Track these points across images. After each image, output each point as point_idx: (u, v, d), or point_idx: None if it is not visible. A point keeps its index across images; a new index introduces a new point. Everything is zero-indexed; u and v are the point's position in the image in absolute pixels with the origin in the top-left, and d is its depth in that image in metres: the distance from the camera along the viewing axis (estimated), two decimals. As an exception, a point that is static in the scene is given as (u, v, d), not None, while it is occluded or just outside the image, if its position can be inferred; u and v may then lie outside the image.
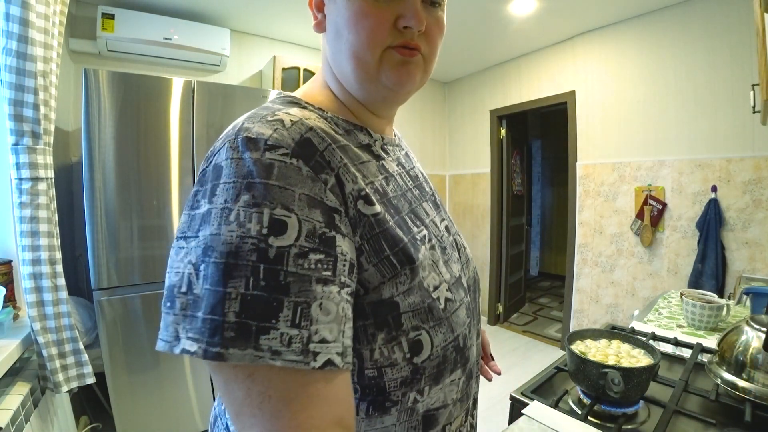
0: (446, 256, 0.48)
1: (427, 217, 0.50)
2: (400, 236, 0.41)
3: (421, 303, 0.41)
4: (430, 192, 0.55)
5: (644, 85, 2.41)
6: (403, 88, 0.47)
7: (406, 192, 0.49)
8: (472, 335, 0.50)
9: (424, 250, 0.44)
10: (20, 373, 1.19)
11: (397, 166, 0.52)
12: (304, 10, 2.38)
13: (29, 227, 1.15)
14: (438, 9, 0.47)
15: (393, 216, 0.43)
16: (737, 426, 0.65)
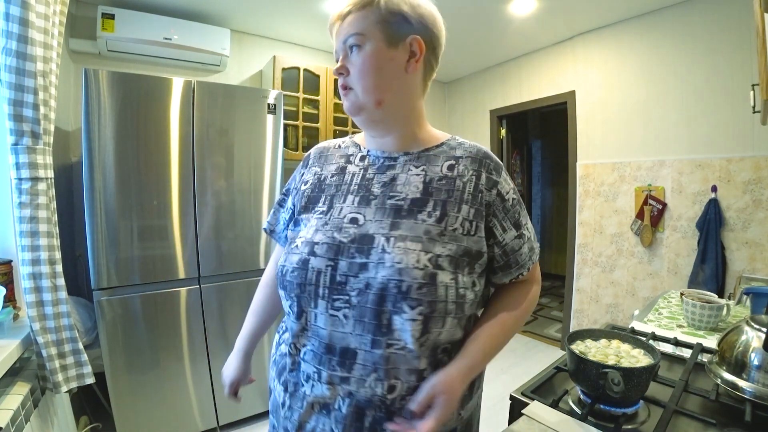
0: (324, 227, 0.63)
1: (336, 203, 0.65)
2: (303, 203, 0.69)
3: (290, 241, 0.67)
4: (387, 197, 0.63)
5: (644, 85, 2.41)
6: (349, 114, 0.66)
7: (342, 185, 0.67)
8: (317, 301, 0.60)
9: (311, 217, 0.66)
10: (20, 373, 1.18)
11: (360, 170, 0.68)
12: (304, 10, 2.38)
13: (29, 227, 1.15)
14: (358, 52, 0.61)
15: (313, 191, 0.69)
16: (737, 426, 0.65)
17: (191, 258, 1.78)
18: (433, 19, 0.64)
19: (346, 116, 2.89)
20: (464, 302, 0.59)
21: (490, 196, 0.63)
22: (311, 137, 2.75)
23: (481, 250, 0.61)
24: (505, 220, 0.64)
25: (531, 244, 0.68)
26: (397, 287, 0.55)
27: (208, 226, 1.81)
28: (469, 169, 0.64)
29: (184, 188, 1.75)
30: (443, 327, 0.58)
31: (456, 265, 0.58)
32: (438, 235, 0.58)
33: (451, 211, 0.60)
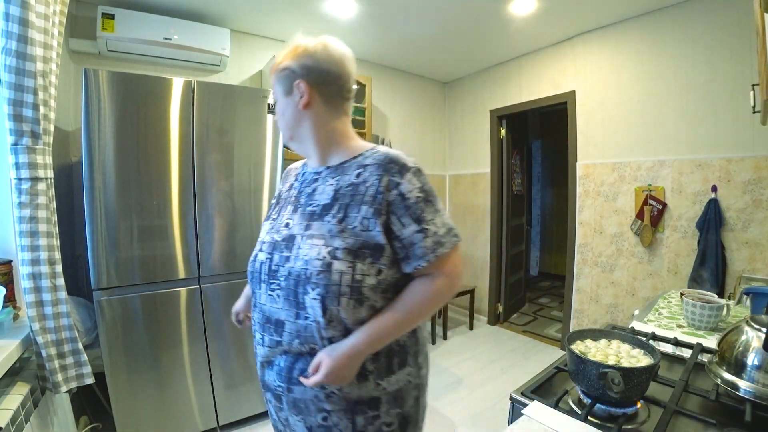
0: (270, 231, 0.84)
1: (282, 213, 0.86)
2: (269, 213, 0.92)
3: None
4: (307, 206, 0.81)
5: (644, 85, 2.41)
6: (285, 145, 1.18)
7: (288, 198, 0.88)
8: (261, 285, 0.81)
9: (269, 220, 0.88)
10: (20, 373, 1.19)
11: (297, 185, 0.88)
12: (305, 11, 2.38)
13: (29, 227, 1.15)
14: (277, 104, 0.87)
15: (274, 206, 0.92)
16: (737, 426, 0.65)
17: (191, 258, 1.78)
18: (315, 59, 0.79)
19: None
20: (361, 286, 0.72)
21: (390, 196, 0.74)
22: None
23: (379, 242, 0.73)
24: (405, 217, 0.74)
25: (437, 239, 0.75)
26: (304, 273, 0.73)
27: (208, 226, 1.81)
28: (373, 175, 0.76)
29: (184, 188, 1.75)
30: (339, 305, 0.71)
31: (355, 256, 0.72)
32: (338, 232, 0.73)
33: (351, 212, 0.74)
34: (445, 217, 0.78)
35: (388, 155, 0.79)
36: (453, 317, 3.79)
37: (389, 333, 0.75)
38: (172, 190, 1.73)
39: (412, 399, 0.82)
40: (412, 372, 0.81)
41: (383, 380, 0.77)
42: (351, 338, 0.72)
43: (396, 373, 0.79)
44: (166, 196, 1.72)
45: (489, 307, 3.61)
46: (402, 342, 0.80)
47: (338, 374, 0.70)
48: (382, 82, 3.41)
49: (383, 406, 0.78)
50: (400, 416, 0.80)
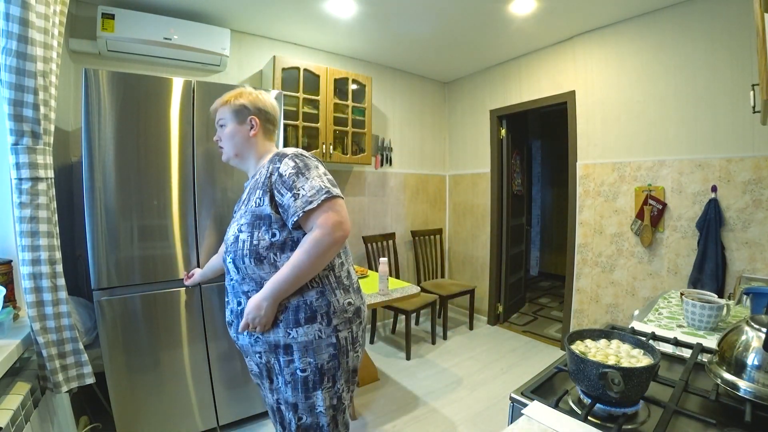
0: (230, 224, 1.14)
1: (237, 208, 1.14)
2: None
3: None
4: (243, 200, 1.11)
5: (644, 85, 2.41)
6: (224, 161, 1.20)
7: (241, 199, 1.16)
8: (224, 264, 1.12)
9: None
10: (20, 373, 1.19)
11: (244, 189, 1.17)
12: (304, 10, 2.38)
13: (29, 227, 1.15)
14: (223, 129, 1.16)
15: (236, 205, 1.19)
16: (737, 426, 0.65)
17: (191, 258, 1.78)
18: (266, 103, 1.17)
19: (346, 116, 2.89)
20: (258, 247, 1.01)
21: (273, 177, 1.02)
22: (311, 137, 2.75)
23: (267, 213, 1.01)
24: (281, 189, 1.00)
25: (306, 199, 0.97)
26: (228, 247, 1.08)
27: (208, 226, 1.81)
28: (265, 168, 1.07)
29: (184, 188, 1.75)
30: (245, 264, 1.03)
31: (253, 227, 1.02)
32: (244, 214, 1.06)
33: (252, 197, 1.06)
34: (315, 182, 0.99)
35: (277, 152, 1.08)
36: (453, 317, 3.79)
37: (287, 282, 0.97)
38: (172, 190, 1.73)
39: (328, 354, 1.03)
40: (322, 329, 1.02)
41: (292, 330, 1.01)
42: (261, 291, 0.99)
43: (303, 326, 1.01)
44: (166, 196, 1.72)
45: (489, 307, 3.61)
46: (309, 301, 1.01)
47: (255, 316, 0.98)
48: (382, 82, 3.41)
49: (296, 353, 1.01)
50: (314, 366, 1.02)
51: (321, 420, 1.05)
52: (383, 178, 3.48)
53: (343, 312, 1.05)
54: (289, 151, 1.07)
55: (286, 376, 1.03)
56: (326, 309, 1.02)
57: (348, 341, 1.06)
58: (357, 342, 1.10)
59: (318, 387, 1.02)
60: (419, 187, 3.77)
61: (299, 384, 1.02)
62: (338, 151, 2.87)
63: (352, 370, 1.10)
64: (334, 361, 1.04)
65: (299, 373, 1.01)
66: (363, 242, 3.23)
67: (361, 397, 2.32)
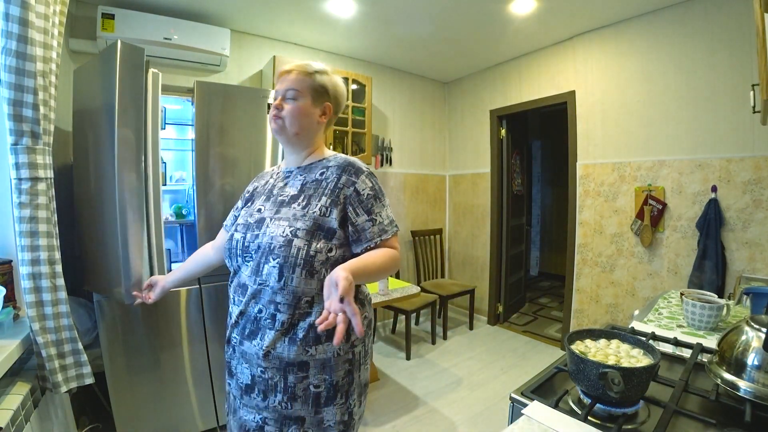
0: (245, 215, 1.03)
1: (255, 202, 1.06)
2: (243, 203, 1.11)
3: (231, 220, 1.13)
4: (278, 197, 1.01)
5: (644, 85, 2.41)
6: (274, 134, 1.04)
7: (262, 191, 1.08)
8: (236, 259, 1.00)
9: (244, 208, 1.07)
10: (20, 373, 1.18)
11: (273, 181, 1.08)
12: (304, 10, 2.38)
13: (28, 227, 1.15)
14: (294, 100, 1.00)
15: (251, 196, 1.11)
16: (737, 426, 0.65)
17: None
18: (342, 94, 1.08)
19: (346, 116, 2.89)
20: (314, 260, 0.91)
21: (348, 191, 0.95)
22: (311, 137, 2.75)
23: (332, 227, 0.93)
24: (359, 208, 0.95)
25: (382, 227, 0.97)
26: (268, 247, 0.91)
27: (208, 225, 1.81)
28: (334, 174, 0.98)
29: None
30: (293, 274, 0.90)
31: (311, 235, 0.91)
32: (301, 216, 0.93)
33: (313, 201, 0.95)
34: (389, 211, 1.01)
35: (348, 159, 1.02)
36: (453, 317, 3.79)
37: (366, 269, 0.87)
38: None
39: (343, 371, 0.98)
40: (341, 347, 0.97)
41: (311, 348, 0.94)
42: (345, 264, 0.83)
43: (323, 343, 0.94)
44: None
45: (489, 307, 3.61)
46: None
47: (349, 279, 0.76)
48: (382, 82, 3.41)
49: (312, 369, 0.95)
50: (329, 382, 0.96)
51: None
52: (383, 178, 3.48)
53: None
54: (362, 165, 1.01)
55: (297, 391, 0.95)
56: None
57: (361, 355, 1.03)
58: (368, 354, 1.07)
59: (330, 403, 0.97)
60: (419, 187, 3.77)
61: (310, 399, 0.96)
62: (338, 151, 2.86)
63: (363, 384, 1.05)
64: (349, 377, 0.99)
65: (312, 389, 0.95)
66: (363, 242, 3.22)
67: (361, 397, 2.32)
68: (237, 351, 1.00)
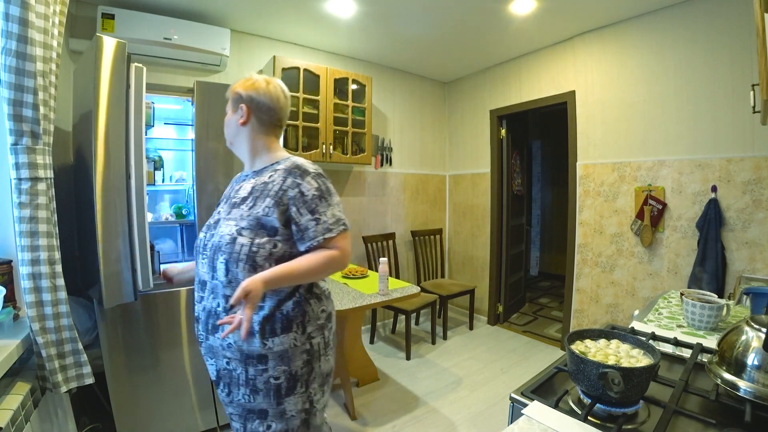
0: (210, 218, 1.12)
1: (220, 205, 1.14)
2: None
3: None
4: (232, 199, 1.08)
5: (644, 85, 2.41)
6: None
7: (225, 196, 1.16)
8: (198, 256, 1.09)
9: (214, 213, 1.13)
10: (20, 373, 1.18)
11: (233, 185, 1.16)
12: (304, 10, 2.38)
13: (28, 227, 1.15)
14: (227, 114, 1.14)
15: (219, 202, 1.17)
16: (737, 426, 0.65)
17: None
18: (259, 93, 1.08)
19: (346, 116, 2.89)
20: (256, 255, 0.98)
21: (292, 192, 1.01)
22: (311, 137, 2.75)
23: (274, 225, 1.00)
24: (302, 208, 1.00)
25: (326, 226, 1.01)
26: (218, 244, 1.01)
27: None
28: (280, 177, 1.03)
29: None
30: (237, 268, 0.98)
31: (254, 233, 0.99)
32: (246, 216, 1.01)
33: (259, 202, 1.02)
34: (336, 210, 1.05)
35: (296, 162, 1.06)
36: (453, 317, 3.79)
37: (294, 275, 0.97)
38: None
39: (301, 361, 1.03)
40: (297, 338, 1.02)
41: (268, 340, 1.00)
42: (265, 272, 0.94)
43: (279, 336, 1.00)
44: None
45: (489, 307, 3.61)
46: (285, 311, 1.02)
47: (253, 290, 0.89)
48: (382, 82, 3.41)
49: (270, 362, 1.00)
50: (288, 373, 1.01)
51: (291, 424, 1.04)
52: (383, 178, 3.48)
53: (316, 319, 1.07)
54: (309, 167, 1.05)
55: (258, 384, 1.00)
56: (301, 318, 1.03)
57: (321, 346, 1.07)
58: (329, 346, 1.11)
59: (291, 393, 1.02)
60: (419, 187, 3.77)
61: (272, 391, 1.01)
62: (338, 151, 2.87)
63: (325, 374, 1.10)
64: (308, 366, 1.04)
65: (272, 381, 1.00)
66: (363, 242, 3.23)
67: (361, 397, 2.32)
68: (204, 346, 1.08)
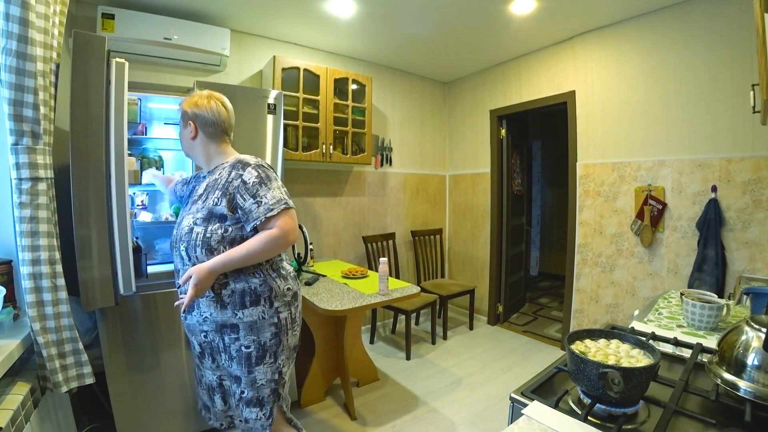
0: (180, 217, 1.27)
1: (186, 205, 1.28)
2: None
3: None
4: (193, 197, 1.25)
5: (644, 85, 2.41)
6: None
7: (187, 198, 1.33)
8: (172, 251, 1.25)
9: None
10: (20, 373, 1.19)
11: (195, 183, 1.34)
12: (304, 10, 2.38)
13: (29, 227, 1.15)
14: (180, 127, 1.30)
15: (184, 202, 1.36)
16: (737, 426, 0.65)
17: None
18: (201, 110, 1.23)
19: (346, 116, 2.89)
20: (210, 240, 1.14)
21: (235, 182, 1.15)
22: (311, 137, 2.75)
23: (223, 213, 1.14)
24: (245, 194, 1.14)
25: (267, 207, 1.13)
26: (180, 235, 1.19)
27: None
28: (226, 172, 1.19)
29: (184, 188, 1.75)
30: (195, 253, 1.15)
31: (207, 222, 1.15)
32: (201, 209, 1.17)
33: (210, 195, 1.17)
34: (276, 192, 1.15)
35: (238, 158, 1.21)
36: (453, 317, 3.79)
37: (238, 260, 1.11)
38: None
39: (270, 333, 1.18)
40: (265, 311, 1.17)
41: (238, 311, 1.15)
42: (210, 260, 1.11)
43: (248, 308, 1.16)
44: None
45: (489, 307, 3.61)
46: (253, 287, 1.16)
47: (201, 281, 1.08)
48: (382, 82, 3.41)
49: (242, 331, 1.16)
50: (257, 343, 1.17)
51: (262, 392, 1.18)
52: (383, 178, 3.48)
53: (283, 296, 1.21)
54: (251, 160, 1.20)
55: (232, 352, 1.16)
56: (268, 294, 1.18)
57: (288, 321, 1.22)
58: (295, 322, 1.26)
59: (260, 362, 1.17)
60: (419, 187, 3.77)
61: (243, 359, 1.16)
62: (338, 151, 2.87)
63: (292, 347, 1.26)
64: (276, 338, 1.19)
65: (243, 349, 1.16)
66: (363, 242, 3.23)
67: (361, 397, 2.32)
68: (184, 325, 1.25)
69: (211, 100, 1.25)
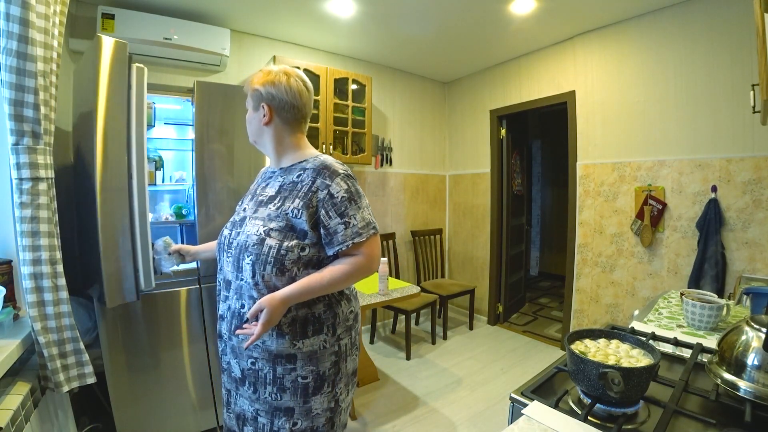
0: (235, 214, 1.11)
1: (245, 201, 1.12)
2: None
3: None
4: (259, 197, 1.07)
5: (644, 85, 2.41)
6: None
7: (251, 192, 1.14)
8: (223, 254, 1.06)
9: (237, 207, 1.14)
10: (20, 373, 1.18)
11: (259, 182, 1.14)
12: (304, 10, 2.38)
13: (29, 227, 1.15)
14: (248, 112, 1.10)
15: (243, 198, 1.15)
16: (737, 426, 0.65)
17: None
18: (279, 89, 1.02)
19: (346, 116, 2.90)
20: (285, 258, 0.95)
21: (321, 194, 0.97)
22: (311, 137, 2.74)
23: (303, 228, 0.96)
24: (331, 211, 0.96)
25: (355, 230, 0.97)
26: (244, 244, 0.98)
27: (208, 225, 1.81)
28: (309, 177, 0.99)
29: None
30: (265, 271, 0.95)
31: (283, 235, 0.96)
32: (275, 217, 0.98)
33: (287, 203, 0.98)
34: (365, 213, 1.00)
35: (324, 162, 1.01)
36: (453, 317, 3.79)
37: (315, 290, 0.95)
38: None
39: (330, 362, 1.03)
40: (327, 339, 1.02)
41: (298, 342, 0.99)
42: (285, 289, 0.94)
43: (310, 337, 0.99)
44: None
45: (489, 307, 3.61)
46: (317, 314, 1.00)
47: (273, 318, 0.91)
48: (382, 82, 3.41)
49: (299, 362, 0.99)
50: (316, 373, 1.01)
51: (317, 422, 1.04)
52: (383, 178, 3.48)
53: (345, 321, 1.07)
54: (338, 167, 1.01)
55: (286, 383, 1.00)
56: (332, 320, 1.03)
57: (348, 347, 1.07)
58: (355, 346, 1.11)
59: (318, 392, 1.02)
60: (419, 187, 3.77)
61: (299, 390, 1.00)
62: (338, 151, 2.87)
63: (351, 373, 1.10)
64: (335, 367, 1.04)
65: (300, 380, 1.00)
66: (363, 242, 3.23)
67: (361, 397, 2.32)
68: (228, 346, 1.06)
69: (291, 77, 1.03)
